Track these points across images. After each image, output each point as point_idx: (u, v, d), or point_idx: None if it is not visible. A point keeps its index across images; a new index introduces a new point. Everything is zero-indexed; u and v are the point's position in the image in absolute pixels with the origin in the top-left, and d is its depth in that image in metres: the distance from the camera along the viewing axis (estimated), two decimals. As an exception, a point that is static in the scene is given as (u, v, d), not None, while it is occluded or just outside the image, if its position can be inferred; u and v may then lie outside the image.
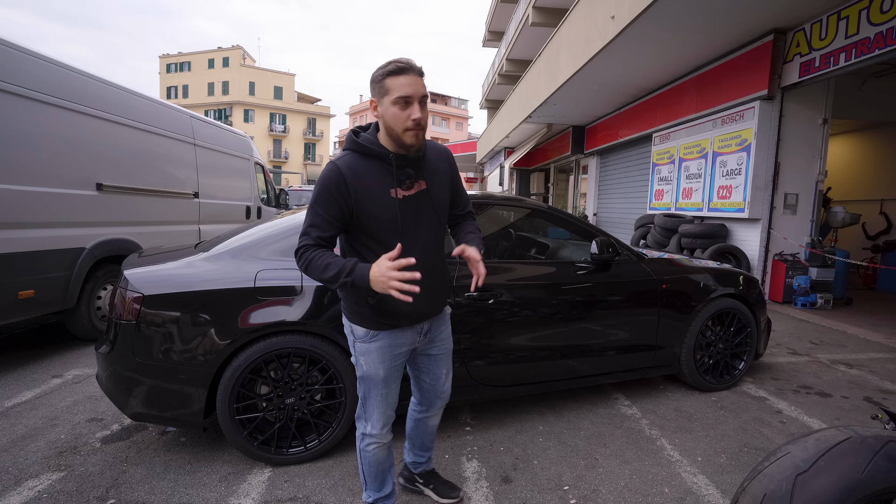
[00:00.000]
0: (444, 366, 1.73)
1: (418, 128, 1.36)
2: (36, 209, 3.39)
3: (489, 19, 20.00)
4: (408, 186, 1.44)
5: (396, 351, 1.55)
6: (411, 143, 1.38)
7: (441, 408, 1.81)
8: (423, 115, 1.36)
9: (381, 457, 1.65)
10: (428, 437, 1.88)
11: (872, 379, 3.46)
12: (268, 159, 40.50)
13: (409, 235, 1.43)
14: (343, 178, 1.37)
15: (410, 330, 1.56)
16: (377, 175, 1.41)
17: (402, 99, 1.33)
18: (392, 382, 1.58)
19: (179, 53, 42.41)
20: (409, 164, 1.44)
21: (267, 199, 7.24)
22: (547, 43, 8.99)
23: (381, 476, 1.68)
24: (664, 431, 2.57)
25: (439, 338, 1.68)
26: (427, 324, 1.61)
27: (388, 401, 1.59)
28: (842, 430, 1.11)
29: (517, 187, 17.89)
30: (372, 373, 1.54)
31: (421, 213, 1.46)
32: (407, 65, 1.34)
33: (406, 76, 1.33)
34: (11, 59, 3.25)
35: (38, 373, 3.34)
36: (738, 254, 6.22)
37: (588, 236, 2.85)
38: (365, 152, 1.42)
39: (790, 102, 5.99)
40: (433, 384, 1.73)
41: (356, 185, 1.38)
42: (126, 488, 2.00)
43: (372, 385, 1.56)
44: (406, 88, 1.32)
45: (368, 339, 1.52)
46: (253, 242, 2.27)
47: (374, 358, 1.52)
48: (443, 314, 1.69)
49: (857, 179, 9.00)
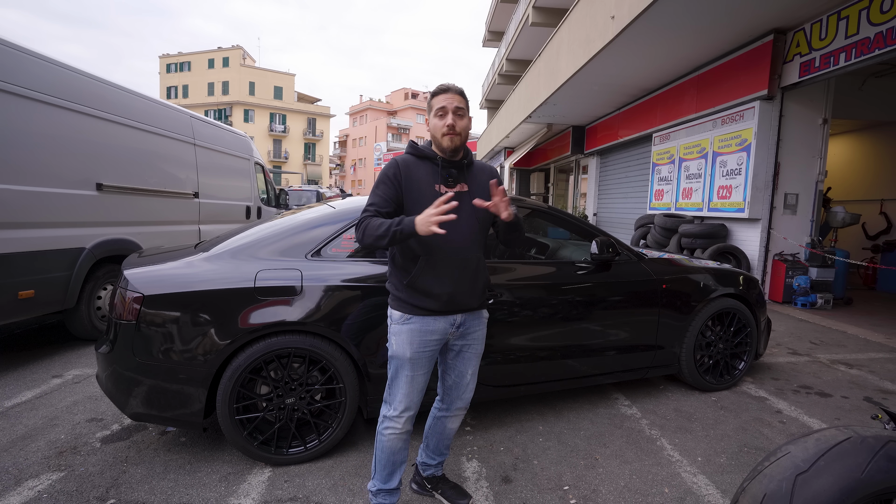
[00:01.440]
0: (471, 366, 1.81)
1: (452, 132, 1.64)
2: (36, 209, 3.39)
3: (489, 19, 19.99)
4: (451, 184, 1.70)
5: (426, 337, 1.68)
6: (448, 145, 1.66)
7: (460, 411, 1.86)
8: (458, 123, 1.64)
9: (395, 446, 1.73)
10: (443, 440, 1.90)
11: (872, 379, 3.46)
12: (268, 159, 40.49)
13: (447, 226, 1.58)
14: (399, 168, 1.67)
15: (443, 320, 1.69)
16: (426, 172, 1.69)
17: (440, 111, 1.66)
18: (419, 367, 1.69)
19: (179, 53, 42.42)
20: (453, 167, 1.71)
21: (267, 199, 7.24)
22: (547, 43, 8.99)
23: (391, 468, 1.75)
24: (664, 431, 2.57)
25: (471, 335, 1.78)
26: (461, 317, 1.72)
27: (414, 385, 1.70)
28: (842, 430, 1.11)
29: (517, 187, 17.89)
30: (399, 352, 1.68)
31: (460, 210, 1.64)
32: (445, 86, 1.68)
33: (444, 94, 1.67)
34: (11, 59, 3.24)
35: (38, 373, 3.34)
36: (738, 254, 6.22)
37: (588, 236, 2.85)
38: (419, 154, 1.72)
39: (790, 102, 5.99)
40: (457, 382, 1.81)
41: (408, 175, 1.67)
42: (126, 488, 2.00)
43: (399, 365, 1.69)
44: (442, 102, 1.66)
45: (401, 322, 1.68)
46: (253, 242, 2.27)
47: (404, 339, 1.67)
48: (478, 314, 1.80)
49: (857, 179, 9.00)
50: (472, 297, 1.73)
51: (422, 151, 1.72)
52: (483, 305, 1.81)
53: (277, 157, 42.00)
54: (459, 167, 1.72)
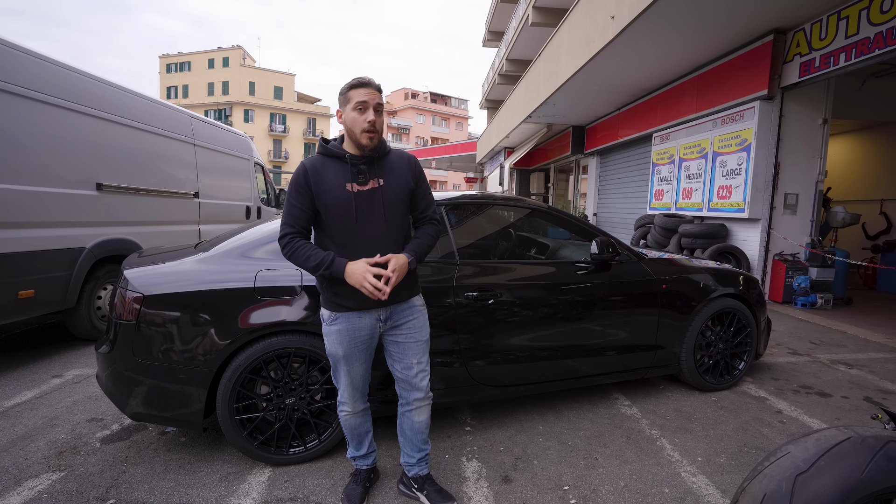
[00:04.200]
0: (415, 355, 1.82)
1: (373, 129, 1.62)
2: (36, 209, 3.39)
3: (489, 19, 20.00)
4: (362, 182, 1.67)
5: (354, 334, 1.73)
6: (366, 143, 1.64)
7: (420, 402, 1.86)
8: (378, 119, 1.63)
9: (353, 423, 1.87)
10: (416, 435, 1.90)
11: (872, 379, 3.46)
12: (268, 159, 40.48)
13: (363, 224, 1.66)
14: (306, 173, 1.65)
15: (368, 315, 1.74)
16: (336, 172, 1.67)
17: (359, 104, 1.61)
18: (353, 361, 1.77)
19: (179, 53, 42.43)
20: (363, 163, 1.68)
21: (267, 200, 7.24)
22: (547, 43, 8.99)
23: (358, 438, 1.92)
24: (664, 431, 2.57)
25: (405, 326, 1.80)
26: (386, 311, 1.76)
27: (352, 376, 1.79)
28: (842, 430, 1.11)
29: (517, 187, 17.89)
30: (333, 351, 1.76)
31: (374, 206, 1.67)
32: (366, 80, 1.63)
33: (364, 89, 1.61)
34: (11, 59, 3.24)
35: (38, 373, 3.34)
36: (738, 254, 6.22)
37: (588, 236, 2.85)
38: (327, 153, 1.70)
39: (790, 102, 5.99)
40: (405, 373, 1.83)
41: (316, 178, 1.65)
42: (126, 488, 2.00)
43: (336, 361, 1.78)
44: (363, 97, 1.61)
45: (329, 322, 1.75)
46: (252, 242, 2.27)
47: (334, 339, 1.75)
48: (408, 304, 1.81)
49: (857, 179, 9.00)
50: (395, 290, 1.69)
51: (330, 151, 1.69)
52: (413, 294, 1.81)
53: (277, 157, 41.98)
54: (370, 162, 1.69)
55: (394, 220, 1.72)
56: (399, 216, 1.74)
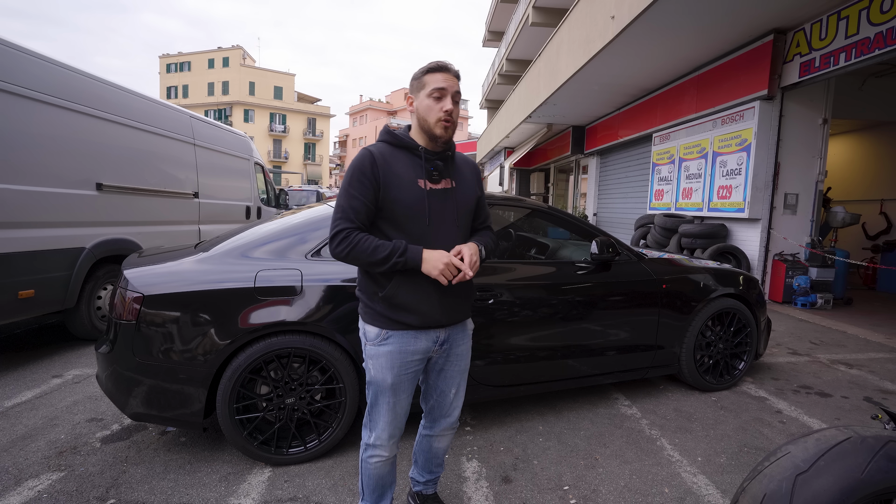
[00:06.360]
0: (454, 385, 1.62)
1: (449, 119, 1.43)
2: (36, 209, 3.38)
3: (489, 19, 19.99)
4: (435, 179, 1.47)
5: (407, 358, 1.47)
6: (441, 133, 1.44)
7: (448, 429, 1.68)
8: (455, 110, 1.43)
9: (383, 472, 1.57)
10: (433, 459, 1.74)
11: (872, 379, 3.46)
12: (268, 159, 40.48)
13: (434, 227, 1.45)
14: (374, 161, 1.42)
15: (424, 336, 1.48)
16: (406, 164, 1.45)
17: (437, 91, 1.41)
18: (401, 392, 1.50)
19: (179, 53, 42.42)
20: (439, 159, 1.49)
21: (267, 200, 7.24)
22: (547, 43, 8.99)
23: (381, 490, 1.61)
24: (664, 431, 2.57)
25: (455, 353, 1.58)
26: (444, 333, 1.52)
27: (396, 411, 1.51)
28: (842, 430, 1.11)
29: (517, 187, 17.89)
30: (379, 378, 1.48)
31: (446, 208, 1.48)
32: (445, 64, 1.44)
33: (443, 74, 1.42)
34: (11, 59, 3.24)
35: (38, 373, 3.34)
36: (738, 254, 6.22)
37: (588, 236, 2.85)
38: (397, 143, 1.48)
39: (790, 102, 5.99)
40: (439, 402, 1.63)
41: (385, 168, 1.42)
42: (126, 488, 2.00)
43: (379, 391, 1.49)
44: (441, 83, 1.41)
45: (378, 342, 1.47)
46: (253, 242, 2.27)
47: (383, 363, 1.46)
48: (463, 326, 1.60)
49: (857, 179, 9.00)
50: (459, 308, 1.54)
51: (401, 140, 1.48)
52: (469, 314, 1.63)
53: (277, 157, 41.98)
54: (445, 159, 1.49)
55: (465, 226, 1.54)
56: (467, 223, 1.57)
